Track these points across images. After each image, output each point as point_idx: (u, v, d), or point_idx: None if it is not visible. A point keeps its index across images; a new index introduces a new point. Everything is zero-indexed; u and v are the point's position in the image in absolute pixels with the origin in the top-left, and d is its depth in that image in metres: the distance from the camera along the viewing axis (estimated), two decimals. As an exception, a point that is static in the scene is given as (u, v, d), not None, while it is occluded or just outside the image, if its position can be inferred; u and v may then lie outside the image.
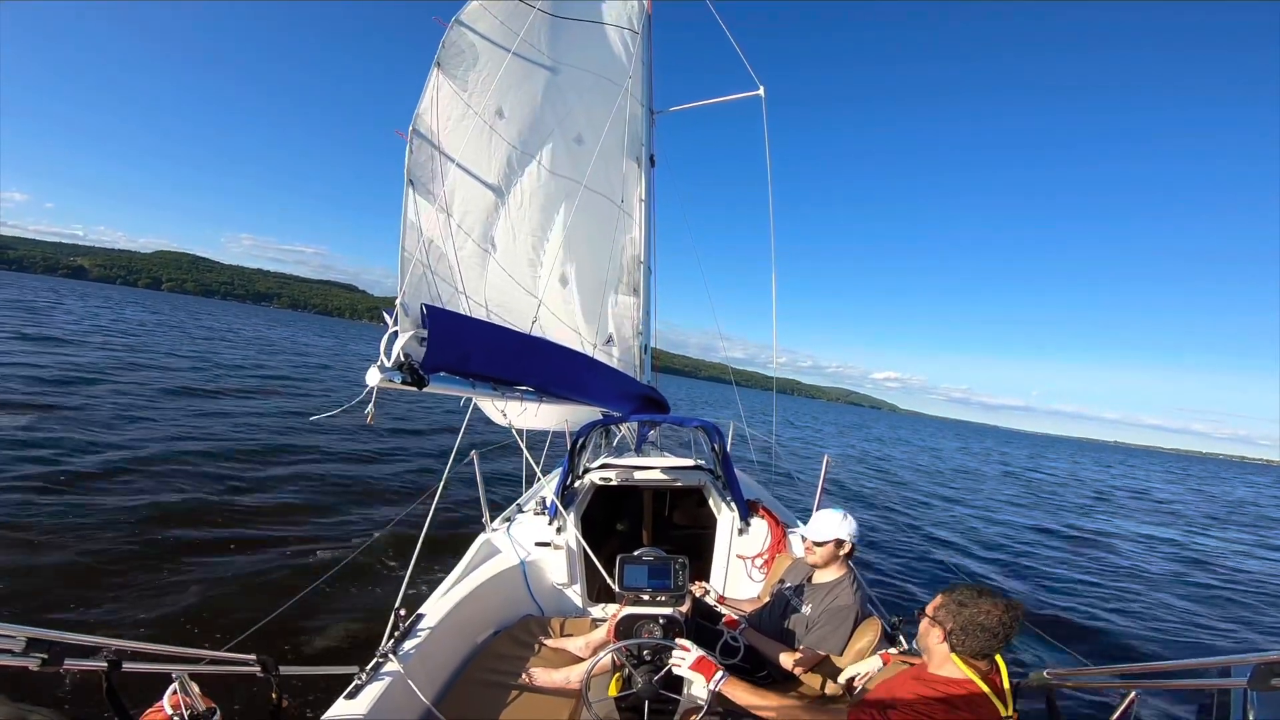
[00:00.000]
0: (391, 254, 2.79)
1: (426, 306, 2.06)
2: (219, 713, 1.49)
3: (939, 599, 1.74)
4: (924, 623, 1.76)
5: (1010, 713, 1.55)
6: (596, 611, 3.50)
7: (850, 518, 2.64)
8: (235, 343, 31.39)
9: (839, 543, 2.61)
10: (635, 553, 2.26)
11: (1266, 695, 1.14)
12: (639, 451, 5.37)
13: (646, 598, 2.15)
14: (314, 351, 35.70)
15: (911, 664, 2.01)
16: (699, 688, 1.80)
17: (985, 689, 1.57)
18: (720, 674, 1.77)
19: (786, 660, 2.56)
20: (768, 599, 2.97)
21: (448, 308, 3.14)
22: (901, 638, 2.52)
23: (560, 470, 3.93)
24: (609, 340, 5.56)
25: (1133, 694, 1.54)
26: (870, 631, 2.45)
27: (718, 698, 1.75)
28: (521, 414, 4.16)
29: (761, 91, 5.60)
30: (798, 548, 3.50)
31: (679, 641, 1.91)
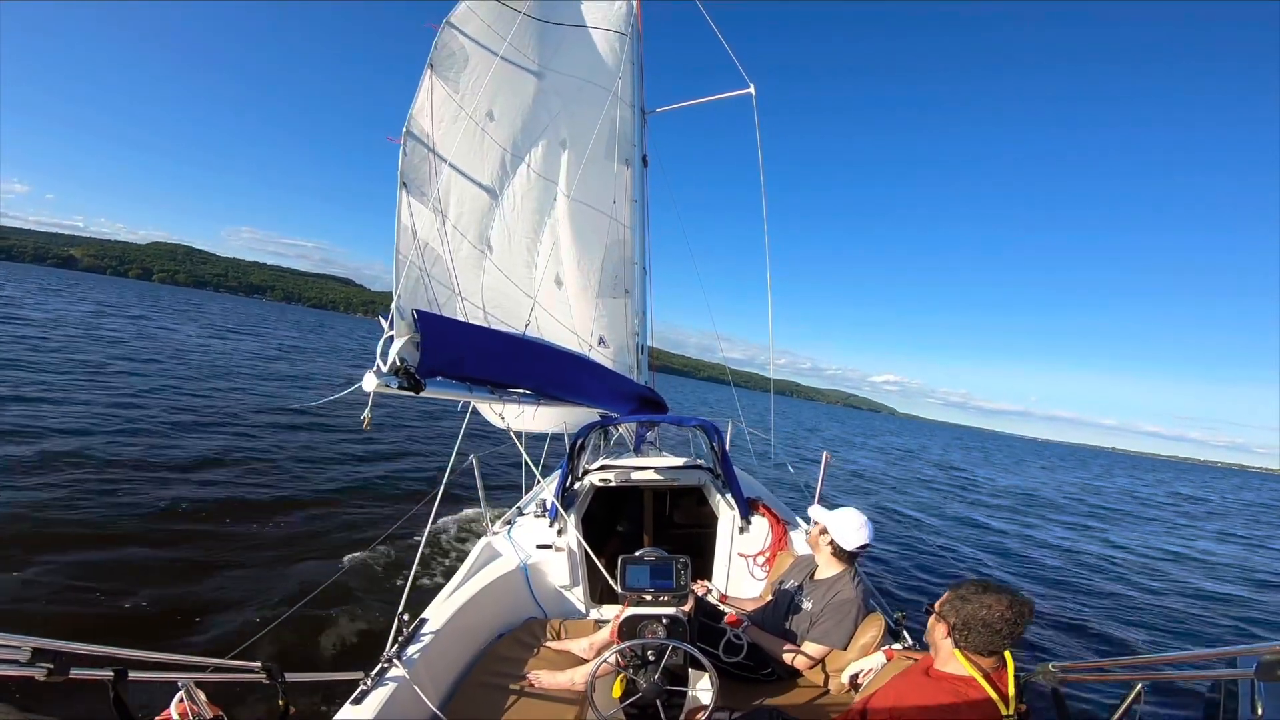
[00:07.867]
0: (389, 249, 2.79)
1: (417, 311, 2.05)
2: None
3: (946, 594, 1.74)
4: (931, 618, 1.76)
5: (1010, 712, 1.52)
6: (599, 613, 3.49)
7: (868, 521, 2.64)
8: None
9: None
10: (637, 553, 2.25)
11: (1273, 685, 1.13)
12: (638, 452, 5.36)
13: (649, 598, 2.14)
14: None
15: (915, 659, 2.00)
16: (704, 686, 1.79)
17: (986, 687, 1.55)
18: None
19: (789, 657, 2.56)
20: (770, 597, 2.97)
21: (444, 310, 3.13)
22: (905, 633, 2.51)
23: (559, 472, 3.92)
24: (603, 341, 5.55)
25: (1139, 686, 1.53)
26: (874, 627, 2.45)
27: (722, 696, 1.74)
28: (519, 417, 4.14)
29: (752, 90, 5.59)
30: (799, 545, 3.49)
31: None
